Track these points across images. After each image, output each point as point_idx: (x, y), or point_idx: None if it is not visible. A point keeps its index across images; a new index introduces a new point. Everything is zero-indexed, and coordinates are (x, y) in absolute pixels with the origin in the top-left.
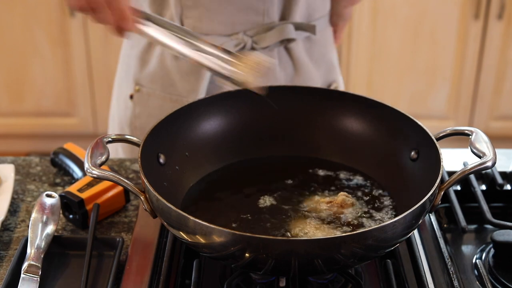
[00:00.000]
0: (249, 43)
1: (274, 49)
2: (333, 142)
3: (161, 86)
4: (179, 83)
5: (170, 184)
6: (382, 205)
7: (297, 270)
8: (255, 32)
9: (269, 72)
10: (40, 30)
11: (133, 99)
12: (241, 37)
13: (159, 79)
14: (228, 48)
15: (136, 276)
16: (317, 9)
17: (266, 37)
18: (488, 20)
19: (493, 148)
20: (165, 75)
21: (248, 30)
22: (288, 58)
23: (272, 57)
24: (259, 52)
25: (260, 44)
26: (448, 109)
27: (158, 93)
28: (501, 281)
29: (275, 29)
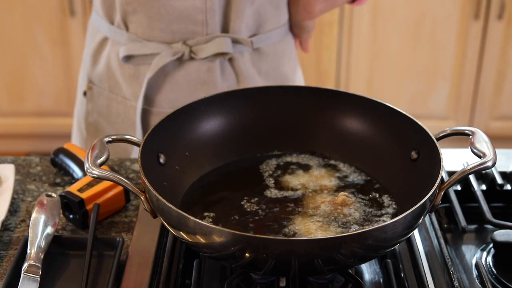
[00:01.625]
0: (187, 53)
1: (215, 60)
2: (333, 142)
3: (109, 87)
4: (123, 85)
5: (170, 184)
6: (382, 205)
7: (297, 270)
8: (196, 42)
9: (210, 82)
10: (40, 30)
11: (86, 95)
12: (179, 46)
13: (106, 79)
14: (166, 56)
15: (136, 276)
16: (268, 21)
17: (203, 49)
18: (488, 20)
19: (493, 148)
20: (112, 76)
21: (188, 39)
22: (231, 69)
23: (213, 68)
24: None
25: (198, 55)
26: (448, 109)
27: (106, 93)
28: (501, 281)
29: (213, 41)
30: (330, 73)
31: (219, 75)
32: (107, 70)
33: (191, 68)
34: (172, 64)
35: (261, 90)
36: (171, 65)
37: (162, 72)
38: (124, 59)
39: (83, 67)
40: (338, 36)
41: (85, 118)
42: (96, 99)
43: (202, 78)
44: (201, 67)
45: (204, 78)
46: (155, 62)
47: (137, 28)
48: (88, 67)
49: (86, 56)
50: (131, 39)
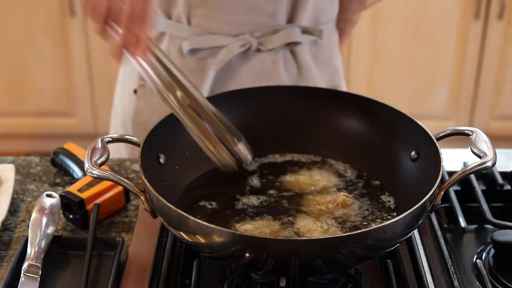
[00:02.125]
0: (255, 44)
1: (279, 51)
2: (333, 142)
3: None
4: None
5: (170, 184)
6: (382, 205)
7: (297, 270)
8: (262, 34)
9: (274, 74)
10: (40, 30)
11: (137, 93)
12: (247, 38)
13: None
14: (234, 49)
15: (136, 276)
16: (324, 14)
17: (272, 39)
18: (488, 20)
19: (493, 148)
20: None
21: (254, 31)
22: (293, 61)
23: (277, 60)
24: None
25: (266, 46)
26: (448, 109)
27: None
28: (501, 281)
29: (282, 31)
30: None
31: (283, 67)
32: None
33: (256, 60)
34: (237, 56)
35: (261, 90)
36: (236, 58)
37: (226, 65)
38: (189, 53)
39: (130, 65)
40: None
41: (133, 117)
42: (149, 97)
43: (267, 70)
44: (266, 59)
45: (268, 70)
46: (223, 54)
47: (201, 21)
48: None
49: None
50: (193, 33)
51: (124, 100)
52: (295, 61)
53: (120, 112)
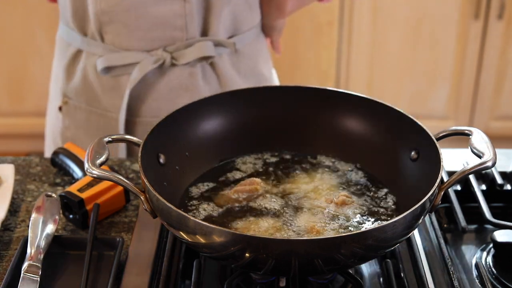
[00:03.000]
0: (168, 59)
1: (196, 64)
2: (333, 142)
3: (86, 100)
4: (102, 97)
5: (170, 184)
6: (382, 205)
7: (297, 270)
8: (176, 48)
9: (192, 87)
10: (40, 30)
11: (62, 110)
12: (160, 53)
13: (83, 93)
14: (148, 65)
15: (136, 276)
16: (244, 22)
17: (185, 54)
18: (488, 20)
19: (493, 148)
20: (89, 89)
21: (168, 45)
22: (212, 72)
23: (195, 73)
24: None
25: (179, 61)
26: (448, 109)
27: (84, 107)
28: (501, 281)
29: (194, 46)
30: (330, 73)
31: (201, 80)
32: (84, 83)
33: (172, 75)
34: (152, 72)
35: (261, 90)
36: (152, 73)
37: (143, 81)
38: (103, 71)
39: (54, 82)
40: (338, 36)
41: (61, 133)
42: (73, 114)
43: (184, 83)
44: (183, 72)
45: (186, 83)
46: (137, 71)
47: (113, 38)
48: (62, 82)
49: (58, 71)
50: (108, 50)
51: (52, 117)
52: (215, 73)
53: (50, 128)
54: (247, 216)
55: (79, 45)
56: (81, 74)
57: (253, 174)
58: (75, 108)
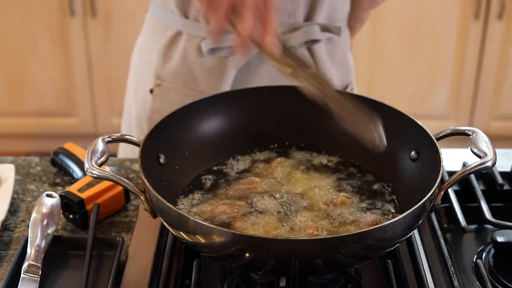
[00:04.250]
0: None
1: (297, 49)
2: (333, 141)
3: (183, 82)
4: (201, 79)
5: (170, 184)
6: (382, 205)
7: (297, 270)
8: (281, 32)
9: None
10: (40, 30)
11: (153, 93)
12: None
13: (181, 75)
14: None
15: (136, 276)
16: (338, 12)
17: (291, 37)
18: (488, 20)
19: (493, 148)
20: (188, 71)
21: None
22: (310, 59)
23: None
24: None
25: (286, 44)
26: (448, 109)
27: (180, 89)
28: (501, 281)
29: (301, 29)
30: None
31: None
32: (183, 65)
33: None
34: (256, 55)
35: (261, 90)
36: (256, 57)
37: (246, 64)
38: (209, 52)
39: (145, 64)
40: None
41: (149, 116)
42: (166, 96)
43: None
44: None
45: None
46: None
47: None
48: (156, 64)
49: (152, 54)
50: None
51: (139, 99)
52: (312, 59)
53: (134, 112)
54: (246, 216)
55: (179, 27)
56: (180, 55)
57: (252, 174)
58: (169, 90)
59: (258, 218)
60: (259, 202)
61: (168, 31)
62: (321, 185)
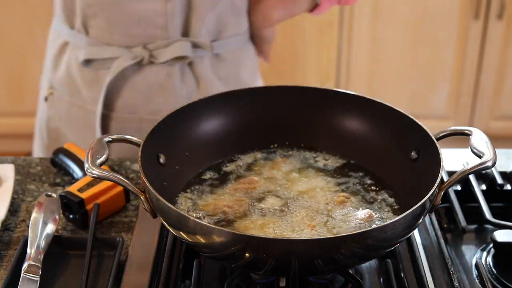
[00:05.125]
0: (147, 57)
1: (175, 64)
2: (332, 141)
3: (69, 92)
4: (83, 90)
5: (170, 184)
6: (382, 205)
7: (297, 270)
8: (155, 46)
9: (169, 87)
10: (40, 30)
11: (47, 101)
12: (139, 50)
13: (66, 85)
14: (126, 60)
15: (136, 276)
16: (228, 28)
17: (163, 53)
18: (488, 20)
19: (493, 148)
20: (72, 82)
21: (148, 43)
22: (191, 74)
23: (173, 73)
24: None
25: (158, 59)
26: (448, 109)
27: (67, 98)
28: (501, 281)
29: (173, 45)
30: (330, 73)
31: (179, 80)
32: (67, 75)
33: (150, 73)
34: (131, 68)
35: (261, 90)
36: (131, 70)
37: (121, 77)
38: (83, 63)
39: (44, 72)
40: (338, 36)
41: (46, 124)
42: (57, 105)
43: (161, 82)
44: (161, 71)
45: (163, 82)
46: (115, 66)
47: (97, 32)
48: (49, 72)
49: (47, 61)
50: (91, 43)
51: (40, 107)
52: (193, 75)
53: (38, 118)
54: (246, 215)
55: (66, 37)
56: (65, 65)
57: (252, 173)
58: (59, 99)
59: (258, 218)
60: (259, 202)
61: (59, 40)
62: (321, 185)
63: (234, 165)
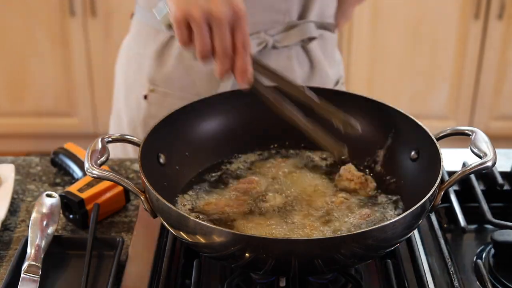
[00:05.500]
0: (271, 42)
1: (292, 47)
2: None
3: (180, 86)
4: (199, 82)
5: (170, 184)
6: (382, 205)
7: (297, 270)
8: (277, 31)
9: (289, 70)
10: (40, 30)
11: (147, 99)
12: (263, 36)
13: (177, 79)
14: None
15: (136, 276)
16: (329, 8)
17: (287, 36)
18: (488, 20)
19: (493, 148)
20: (184, 75)
21: (269, 29)
22: (305, 56)
23: (291, 56)
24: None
25: (281, 43)
26: (448, 109)
27: (176, 93)
28: (501, 281)
29: (297, 28)
30: None
31: (296, 63)
32: (178, 69)
33: (272, 58)
34: (254, 55)
35: None
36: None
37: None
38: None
39: (136, 70)
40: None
41: (144, 122)
42: (162, 101)
43: (283, 66)
44: (281, 56)
45: (284, 66)
46: None
47: None
48: (149, 69)
49: (144, 59)
50: None
51: (132, 105)
52: (307, 56)
53: (126, 117)
54: (246, 215)
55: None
56: (175, 60)
57: (252, 173)
58: (165, 95)
59: (258, 218)
60: (259, 202)
61: (160, 35)
62: (321, 185)
63: (234, 165)
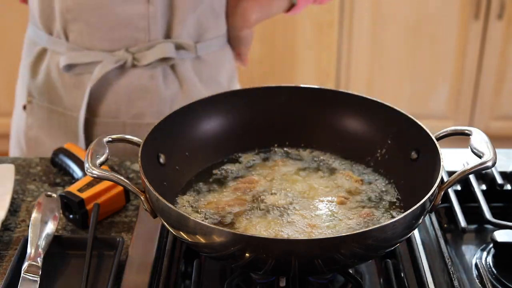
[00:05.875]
0: (130, 60)
1: (157, 67)
2: (332, 142)
3: (49, 99)
4: (64, 96)
5: (170, 184)
6: (382, 205)
7: (297, 270)
8: (137, 49)
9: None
10: None
11: (26, 109)
12: (122, 53)
13: (46, 92)
14: (108, 64)
15: (136, 276)
16: (209, 30)
17: (146, 55)
18: (488, 20)
19: (493, 148)
20: (52, 88)
21: (130, 46)
22: (173, 76)
23: (156, 75)
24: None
25: (141, 62)
26: (448, 109)
27: (46, 106)
28: (501, 281)
29: (156, 47)
30: (330, 73)
31: (162, 82)
32: (47, 82)
33: (133, 76)
34: (114, 72)
35: (261, 90)
36: (113, 73)
37: (104, 81)
38: (65, 69)
39: (20, 81)
40: (338, 36)
41: (25, 132)
42: (36, 113)
43: (145, 85)
44: (143, 74)
45: (146, 85)
46: (98, 70)
47: (77, 37)
48: (27, 80)
49: (24, 70)
50: (72, 49)
51: (17, 116)
52: (176, 77)
53: (14, 127)
54: (246, 215)
55: (44, 44)
56: (44, 72)
57: (252, 173)
58: (38, 107)
59: (258, 217)
60: (259, 202)
61: (36, 47)
62: (321, 185)
63: (234, 165)
